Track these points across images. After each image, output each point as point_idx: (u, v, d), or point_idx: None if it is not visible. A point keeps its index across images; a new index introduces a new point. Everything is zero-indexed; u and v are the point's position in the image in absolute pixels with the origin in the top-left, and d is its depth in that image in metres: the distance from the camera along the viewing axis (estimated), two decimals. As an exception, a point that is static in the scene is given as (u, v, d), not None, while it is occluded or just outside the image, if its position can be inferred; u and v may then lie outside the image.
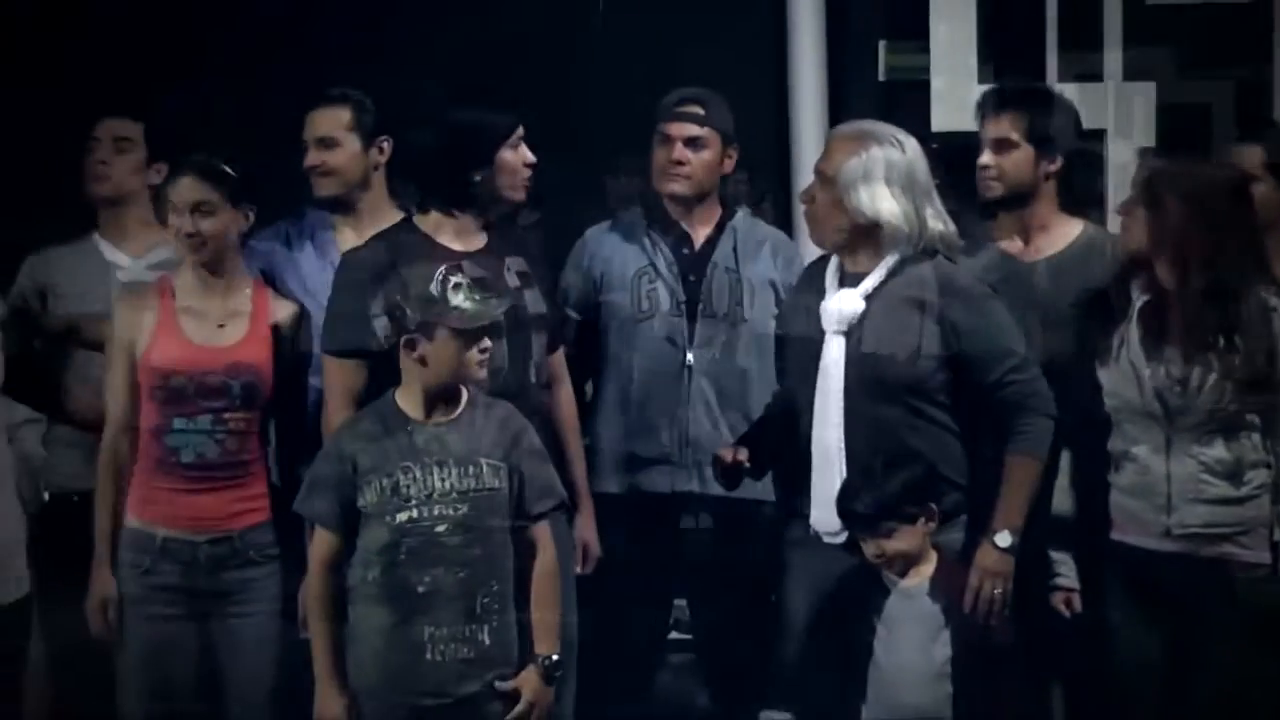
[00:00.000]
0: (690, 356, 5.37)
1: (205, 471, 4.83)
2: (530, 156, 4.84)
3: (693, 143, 5.40)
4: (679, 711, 5.86)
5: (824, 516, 4.70)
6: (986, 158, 5.12)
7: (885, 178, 4.66)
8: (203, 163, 4.93)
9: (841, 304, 4.72)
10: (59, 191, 5.63)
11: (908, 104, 6.47)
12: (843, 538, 4.70)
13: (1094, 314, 4.77)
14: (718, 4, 6.65)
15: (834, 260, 4.80)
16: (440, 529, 4.42)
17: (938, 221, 4.72)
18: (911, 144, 4.74)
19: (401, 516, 4.43)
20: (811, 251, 4.98)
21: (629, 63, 6.47)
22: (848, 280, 4.75)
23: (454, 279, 4.46)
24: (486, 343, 4.50)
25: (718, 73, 5.75)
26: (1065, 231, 5.19)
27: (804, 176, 5.22)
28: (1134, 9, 6.52)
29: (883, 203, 4.66)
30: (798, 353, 4.83)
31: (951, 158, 5.25)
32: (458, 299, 4.44)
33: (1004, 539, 4.64)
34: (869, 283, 4.71)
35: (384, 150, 5.38)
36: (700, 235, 5.47)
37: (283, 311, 4.97)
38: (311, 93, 5.48)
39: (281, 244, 5.47)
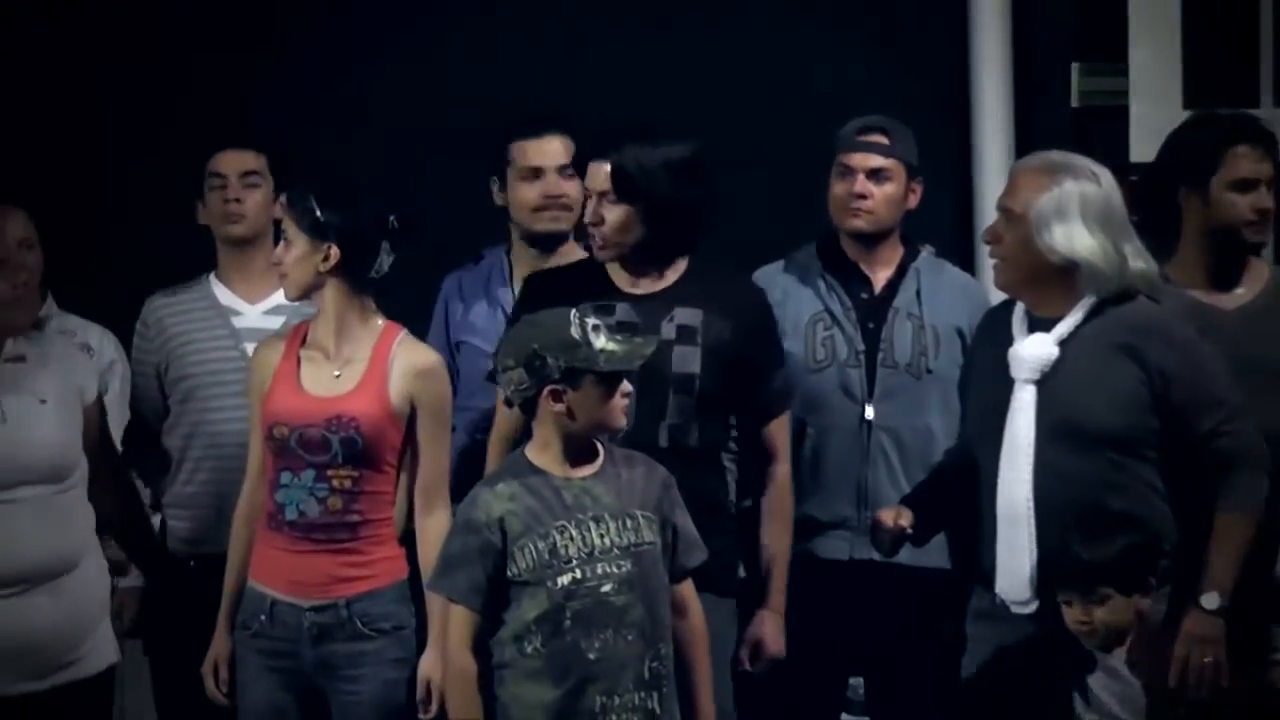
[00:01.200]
0: (870, 411, 5.12)
1: (307, 531, 4.60)
2: None
3: (876, 174, 5.14)
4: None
5: (1011, 584, 4.50)
6: (1267, 199, 4.85)
7: (1081, 214, 4.48)
8: (291, 190, 4.72)
9: (1034, 349, 4.52)
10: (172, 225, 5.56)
11: (1103, 132, 6.32)
12: (1033, 607, 4.48)
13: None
14: (895, 25, 6.49)
15: (1020, 305, 4.61)
16: (606, 588, 4.27)
17: (1139, 260, 4.54)
18: (1106, 176, 4.55)
19: (564, 579, 4.26)
20: (997, 295, 4.78)
21: (803, 87, 6.34)
22: (1038, 325, 4.55)
23: (590, 320, 4.28)
24: (628, 386, 4.31)
25: (894, 99, 5.60)
26: (1256, 275, 4.94)
27: (988, 213, 5.02)
28: (1361, 23, 6.40)
29: (1080, 241, 4.47)
30: (981, 405, 4.64)
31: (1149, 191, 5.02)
32: (601, 341, 4.26)
33: (1211, 600, 4.45)
34: (1064, 327, 4.52)
35: None
36: (880, 278, 5.21)
37: (410, 360, 4.67)
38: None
39: (456, 298, 5.35)
